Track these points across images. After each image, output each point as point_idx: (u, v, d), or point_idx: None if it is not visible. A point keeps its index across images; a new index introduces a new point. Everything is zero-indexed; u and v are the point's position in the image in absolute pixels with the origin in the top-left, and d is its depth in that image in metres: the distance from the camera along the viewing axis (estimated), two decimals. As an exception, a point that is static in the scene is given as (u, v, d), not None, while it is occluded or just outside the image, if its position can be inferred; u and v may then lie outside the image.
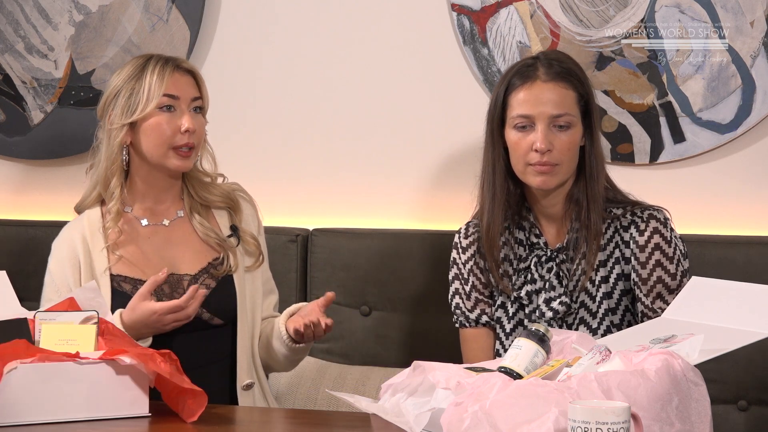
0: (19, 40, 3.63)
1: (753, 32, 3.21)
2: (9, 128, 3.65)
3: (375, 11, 3.46)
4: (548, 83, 2.70)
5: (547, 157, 2.68)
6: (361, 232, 3.38)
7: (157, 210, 2.88)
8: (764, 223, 3.23)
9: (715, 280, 2.55)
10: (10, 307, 2.53)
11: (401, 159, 3.45)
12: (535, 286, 2.75)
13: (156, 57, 2.85)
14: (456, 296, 2.86)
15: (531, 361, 2.29)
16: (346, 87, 3.48)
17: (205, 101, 2.88)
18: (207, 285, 2.82)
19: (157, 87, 2.79)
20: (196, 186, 2.91)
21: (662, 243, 2.70)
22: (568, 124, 2.70)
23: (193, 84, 2.86)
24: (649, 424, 2.02)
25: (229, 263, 2.85)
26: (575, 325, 2.72)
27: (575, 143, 2.72)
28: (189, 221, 2.89)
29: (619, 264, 2.72)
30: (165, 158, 2.81)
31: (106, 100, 2.84)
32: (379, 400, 2.33)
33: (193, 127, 2.80)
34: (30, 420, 2.31)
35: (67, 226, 2.89)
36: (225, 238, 2.88)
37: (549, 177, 2.70)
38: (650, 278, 2.68)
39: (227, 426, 2.44)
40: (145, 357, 2.35)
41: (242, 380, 2.81)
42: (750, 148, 3.26)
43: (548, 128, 2.69)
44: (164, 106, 2.80)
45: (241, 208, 2.93)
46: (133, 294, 2.73)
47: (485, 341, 2.83)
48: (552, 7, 3.31)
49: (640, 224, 2.71)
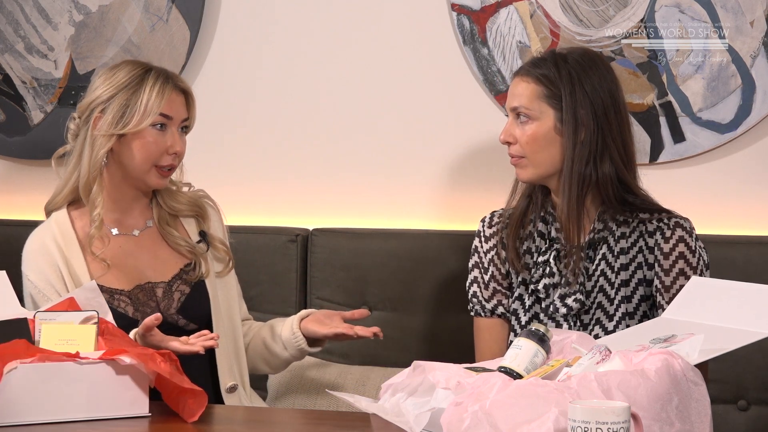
0: (19, 40, 3.63)
1: (753, 32, 3.21)
2: (9, 128, 3.65)
3: (375, 11, 3.46)
4: (518, 77, 2.75)
5: (512, 149, 2.74)
6: (361, 232, 3.38)
7: (126, 220, 2.86)
8: (764, 223, 3.23)
9: (715, 280, 2.55)
10: (10, 307, 2.53)
11: (401, 159, 3.45)
12: (552, 280, 2.75)
13: (156, 70, 2.80)
14: (474, 284, 2.86)
15: (531, 361, 2.29)
16: (346, 87, 3.48)
17: (192, 121, 2.86)
18: (181, 291, 2.82)
19: (156, 105, 2.76)
20: (164, 196, 2.89)
21: (687, 252, 2.69)
22: (528, 117, 2.71)
23: (184, 104, 2.83)
24: (649, 424, 2.02)
25: (201, 269, 2.85)
26: (591, 326, 2.71)
27: (537, 136, 2.71)
28: (158, 230, 2.87)
29: (641, 269, 2.71)
30: (146, 174, 2.79)
31: (93, 101, 2.79)
32: (379, 400, 2.33)
33: (181, 150, 2.80)
34: (30, 420, 2.31)
35: (34, 232, 2.85)
36: (195, 245, 2.87)
37: (519, 169, 2.75)
38: (673, 286, 2.67)
39: (227, 426, 2.43)
40: (145, 357, 2.35)
41: (225, 383, 2.81)
42: (750, 148, 3.26)
43: (513, 121, 2.73)
44: (157, 124, 2.78)
45: (208, 214, 2.92)
46: (110, 304, 2.67)
47: (499, 332, 2.83)
48: (552, 7, 3.31)
49: (666, 231, 2.70)
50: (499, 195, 2.92)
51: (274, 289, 3.31)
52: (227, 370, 2.82)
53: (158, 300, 2.78)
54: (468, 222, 3.30)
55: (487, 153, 3.36)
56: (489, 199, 3.22)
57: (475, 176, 3.38)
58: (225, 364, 2.82)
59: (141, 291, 2.78)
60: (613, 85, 2.75)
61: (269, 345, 2.86)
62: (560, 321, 2.73)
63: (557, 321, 2.73)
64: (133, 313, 2.75)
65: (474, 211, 3.26)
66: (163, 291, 2.80)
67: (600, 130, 2.71)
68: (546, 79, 2.71)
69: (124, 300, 2.76)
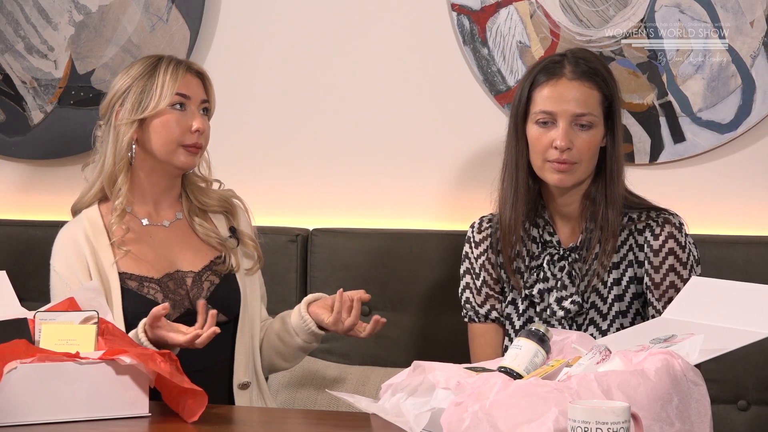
0: (19, 40, 3.63)
1: (753, 32, 3.21)
2: (9, 128, 3.65)
3: (375, 11, 3.46)
4: (573, 81, 2.70)
5: (567, 155, 2.68)
6: (361, 232, 3.38)
7: (157, 211, 2.89)
8: (764, 223, 3.23)
9: (715, 280, 2.55)
10: (10, 307, 2.54)
11: (401, 159, 3.45)
12: (547, 285, 2.75)
13: (168, 57, 2.88)
14: (466, 290, 2.86)
15: (531, 361, 2.29)
16: (346, 87, 3.48)
17: (212, 104, 2.92)
18: (211, 281, 2.84)
19: (171, 85, 2.82)
20: (194, 190, 2.93)
21: (676, 248, 2.69)
22: (590, 124, 2.70)
23: (202, 86, 2.89)
24: (649, 424, 2.02)
25: (231, 262, 2.87)
26: (585, 326, 2.72)
27: (596, 143, 2.71)
28: (188, 223, 2.90)
29: (632, 267, 2.72)
30: (173, 155, 2.83)
31: (113, 98, 2.85)
32: (379, 400, 2.33)
33: (203, 128, 2.84)
34: (30, 420, 2.31)
35: (66, 227, 2.89)
36: (226, 238, 2.90)
37: (566, 175, 2.70)
38: (663, 283, 2.68)
39: (227, 426, 2.44)
40: (145, 357, 2.35)
41: (239, 379, 2.82)
42: (750, 148, 3.26)
43: (570, 126, 2.69)
44: (176, 104, 2.82)
45: (237, 212, 2.96)
46: (138, 291, 2.76)
47: (494, 337, 2.83)
48: (552, 7, 3.31)
49: (655, 228, 2.71)
50: (499, 195, 2.91)
51: (274, 289, 3.31)
52: (243, 368, 2.84)
53: (188, 288, 2.80)
54: (468, 222, 3.29)
55: (487, 153, 3.36)
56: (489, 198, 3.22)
57: (475, 176, 3.38)
58: (242, 361, 2.84)
59: (171, 279, 2.81)
60: None
61: (281, 335, 2.87)
62: (555, 324, 2.73)
63: (552, 324, 2.73)
64: (163, 300, 2.77)
65: (474, 211, 3.26)
66: (192, 280, 2.82)
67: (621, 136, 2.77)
68: (605, 86, 2.72)
69: (154, 287, 2.79)
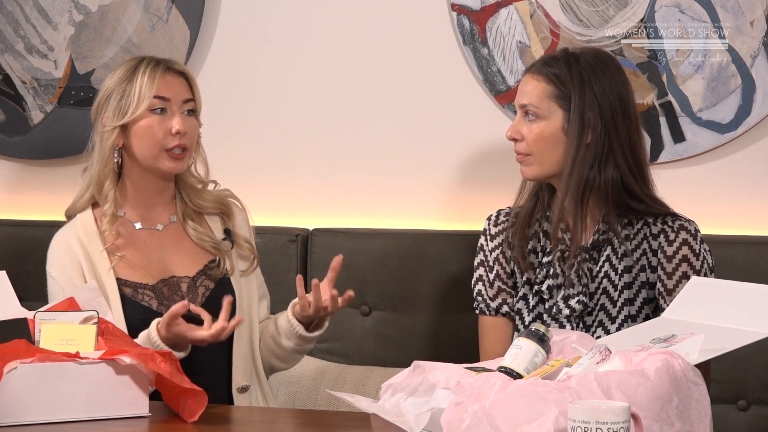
0: (19, 40, 3.63)
1: (753, 32, 3.21)
2: (9, 128, 3.65)
3: (375, 11, 3.46)
4: (529, 74, 2.75)
5: (518, 146, 2.74)
6: (361, 232, 3.38)
7: (150, 215, 2.88)
8: (764, 223, 3.23)
9: (715, 280, 2.55)
10: (10, 307, 2.53)
11: (401, 159, 3.45)
12: (556, 281, 2.75)
13: (148, 59, 2.83)
14: (479, 282, 2.86)
15: (531, 361, 2.29)
16: (346, 87, 3.48)
17: (198, 103, 2.87)
18: (206, 286, 2.83)
19: (148, 89, 2.78)
20: (189, 192, 2.90)
21: (690, 255, 2.68)
22: (536, 115, 2.71)
23: (185, 86, 2.84)
24: (649, 424, 2.02)
25: (225, 266, 2.86)
26: (593, 327, 2.71)
27: (544, 136, 2.70)
28: (182, 226, 2.89)
29: (644, 272, 2.71)
30: (157, 160, 2.80)
31: (99, 102, 2.84)
32: (379, 400, 2.33)
33: (183, 129, 2.79)
34: (30, 420, 2.31)
35: (59, 232, 2.87)
36: (219, 241, 2.88)
37: (523, 167, 2.74)
38: (675, 290, 2.65)
39: (227, 426, 2.43)
40: (145, 357, 2.35)
41: (238, 383, 2.81)
42: (750, 148, 3.26)
43: (521, 118, 2.73)
44: (155, 109, 2.79)
45: (233, 213, 2.94)
46: (133, 298, 2.75)
47: (503, 331, 2.83)
48: (552, 7, 3.31)
49: (670, 234, 2.70)
50: (498, 195, 2.92)
51: (274, 289, 3.30)
52: (241, 371, 2.83)
53: (183, 294, 2.80)
54: (468, 222, 3.30)
55: (487, 153, 3.36)
56: (489, 198, 3.22)
57: (475, 176, 3.38)
58: (240, 364, 2.83)
59: (165, 285, 2.80)
60: (624, 88, 2.73)
61: (275, 338, 2.87)
62: (563, 322, 2.73)
63: (560, 322, 2.73)
64: (158, 306, 2.77)
65: (473, 211, 3.27)
66: (187, 286, 2.81)
67: (607, 133, 2.70)
68: (557, 79, 2.71)
69: (148, 294, 2.78)
